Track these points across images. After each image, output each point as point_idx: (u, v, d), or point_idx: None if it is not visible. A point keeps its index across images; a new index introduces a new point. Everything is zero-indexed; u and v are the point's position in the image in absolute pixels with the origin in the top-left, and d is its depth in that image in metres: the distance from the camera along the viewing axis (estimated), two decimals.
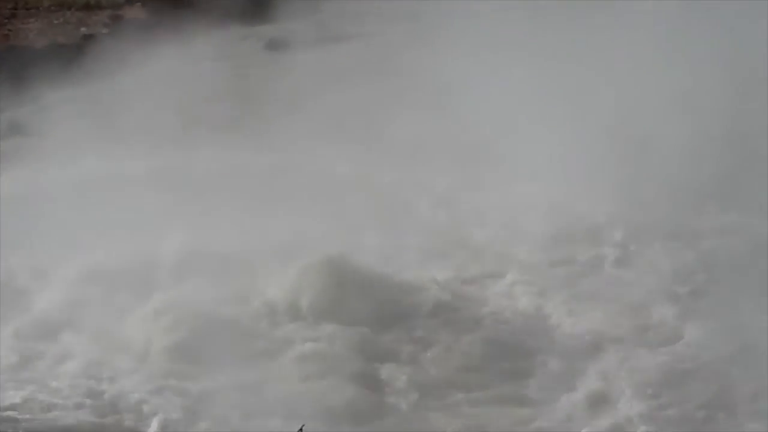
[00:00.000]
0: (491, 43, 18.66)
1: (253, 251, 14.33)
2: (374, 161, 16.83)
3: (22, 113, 15.72)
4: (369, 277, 14.00)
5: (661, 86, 17.54)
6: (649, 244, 14.75)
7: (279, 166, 17.09)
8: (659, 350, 12.44)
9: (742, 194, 14.68)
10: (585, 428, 10.89)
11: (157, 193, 16.01)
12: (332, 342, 12.76)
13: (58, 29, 16.97)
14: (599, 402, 11.64)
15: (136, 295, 13.17)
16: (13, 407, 11.41)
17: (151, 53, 16.55)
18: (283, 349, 12.46)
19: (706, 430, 10.87)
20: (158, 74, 16.71)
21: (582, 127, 16.58)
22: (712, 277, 13.44)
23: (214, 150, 17.57)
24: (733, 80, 17.18)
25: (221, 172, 16.71)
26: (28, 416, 11.46)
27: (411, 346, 12.82)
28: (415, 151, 17.07)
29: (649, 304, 13.30)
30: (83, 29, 17.23)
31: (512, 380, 12.15)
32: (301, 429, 9.37)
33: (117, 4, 18.03)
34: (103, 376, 12.25)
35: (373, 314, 13.30)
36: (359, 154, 17.27)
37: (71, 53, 16.12)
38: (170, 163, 16.70)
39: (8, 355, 12.46)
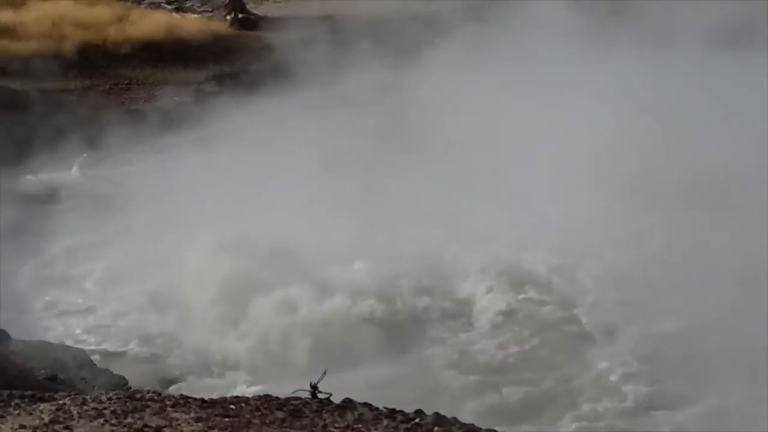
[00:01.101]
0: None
1: None
2: None
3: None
4: None
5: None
6: None
7: None
8: None
9: None
10: None
11: None
12: None
13: (159, 98, 18.86)
14: None
15: None
16: None
17: (227, 113, 17.64)
18: None
19: None
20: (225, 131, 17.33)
21: None
22: None
23: None
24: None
25: None
26: None
27: None
28: None
29: None
30: (176, 98, 19.01)
31: None
32: (323, 374, 8.68)
33: (199, 81, 20.01)
34: None
35: None
36: None
37: (168, 114, 17.91)
38: None
39: None
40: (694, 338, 12.01)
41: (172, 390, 9.48)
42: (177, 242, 14.04)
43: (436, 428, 7.31)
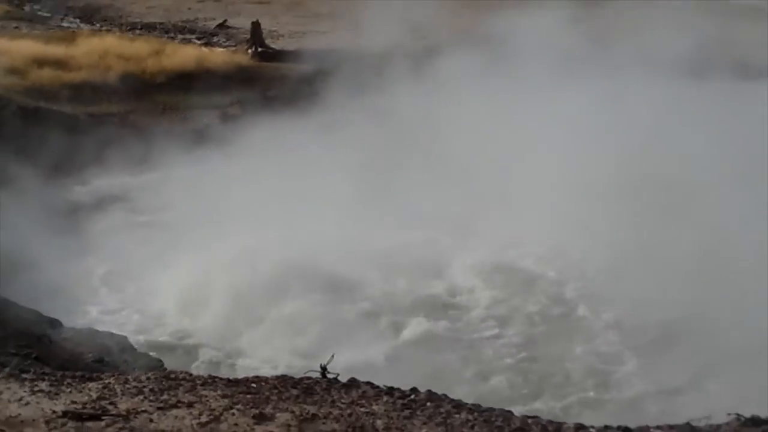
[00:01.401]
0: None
1: None
2: None
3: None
4: None
5: None
6: None
7: None
8: None
9: None
10: None
11: None
12: None
13: (190, 120, 18.97)
14: None
15: None
16: None
17: (248, 132, 17.54)
18: None
19: None
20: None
21: None
22: None
23: None
24: None
25: None
26: None
27: None
28: None
29: None
30: (205, 120, 19.02)
31: None
32: (332, 357, 8.84)
33: (224, 105, 19.90)
34: None
35: None
36: None
37: (198, 133, 18.02)
38: None
39: None
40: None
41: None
42: (207, 241, 14.11)
43: (428, 403, 7.43)
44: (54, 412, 6.83)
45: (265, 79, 20.99)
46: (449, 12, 22.69)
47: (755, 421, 7.51)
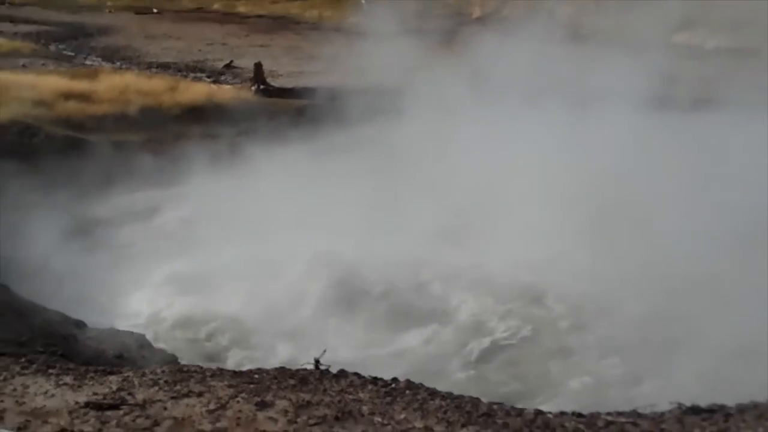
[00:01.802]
0: None
1: None
2: None
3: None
4: None
5: None
6: None
7: None
8: None
9: None
10: None
11: None
12: None
13: (201, 147, 17.04)
14: None
15: None
16: None
17: (252, 158, 17.54)
18: None
19: None
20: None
21: None
22: None
23: None
24: None
25: None
26: None
27: None
28: None
29: None
30: (214, 147, 17.03)
31: None
32: (323, 352, 8.76)
33: (231, 135, 19.54)
34: None
35: None
36: None
37: (208, 159, 16.96)
38: None
39: None
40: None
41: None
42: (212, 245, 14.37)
43: (407, 391, 7.45)
44: (77, 402, 6.78)
45: (267, 112, 20.95)
46: (424, 54, 22.35)
47: (695, 409, 7.53)
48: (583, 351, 11.86)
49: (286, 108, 21.34)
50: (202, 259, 14.04)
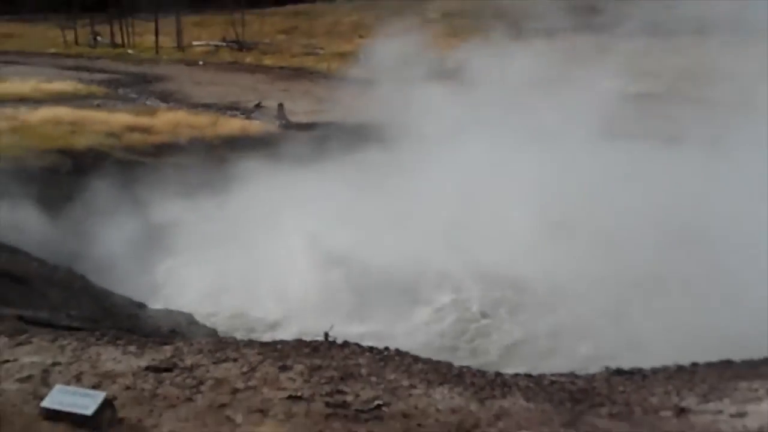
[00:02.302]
0: None
1: None
2: None
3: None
4: None
5: None
6: None
7: None
8: None
9: None
10: None
11: None
12: None
13: (238, 168, 17.60)
14: None
15: None
16: None
17: (276, 176, 17.65)
18: None
19: None
20: None
21: None
22: None
23: None
24: None
25: None
26: None
27: None
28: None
29: None
30: (248, 167, 17.75)
31: None
32: (330, 329, 8.99)
33: (259, 158, 18.44)
34: None
35: None
36: None
37: (242, 177, 17.69)
38: None
39: None
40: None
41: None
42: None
43: (396, 357, 7.44)
44: (139, 366, 6.79)
45: (287, 141, 21.01)
46: (406, 96, 22.05)
47: (619, 371, 7.54)
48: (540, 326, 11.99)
49: (302, 138, 21.31)
50: (241, 252, 14.14)
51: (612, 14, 22.51)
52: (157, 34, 58.66)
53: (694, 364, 7.73)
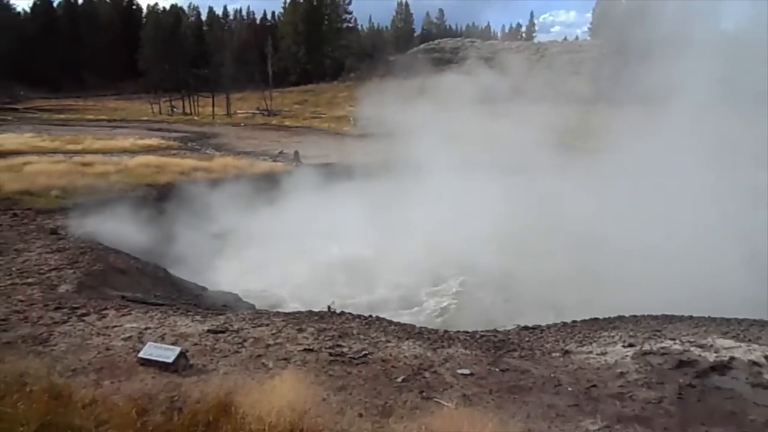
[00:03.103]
0: None
1: None
2: None
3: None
4: None
5: None
6: None
7: None
8: None
9: None
10: None
11: None
12: None
13: (269, 193, 18.12)
14: None
15: None
16: None
17: (291, 197, 17.53)
18: None
19: None
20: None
21: None
22: None
23: None
24: None
25: None
26: None
27: None
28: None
29: None
30: (275, 192, 18.17)
31: None
32: (332, 303, 9.20)
33: (283, 186, 18.95)
34: None
35: None
36: None
37: (274, 198, 17.68)
38: None
39: None
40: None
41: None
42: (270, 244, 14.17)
43: (377, 322, 7.43)
44: (202, 330, 6.72)
45: (300, 175, 20.60)
46: (387, 146, 22.16)
47: (526, 327, 7.65)
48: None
49: (310, 173, 20.87)
50: (271, 251, 13.84)
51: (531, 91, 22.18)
52: (213, 106, 58.88)
53: (574, 321, 7.82)
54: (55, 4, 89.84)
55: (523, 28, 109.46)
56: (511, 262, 12.38)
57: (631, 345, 6.57)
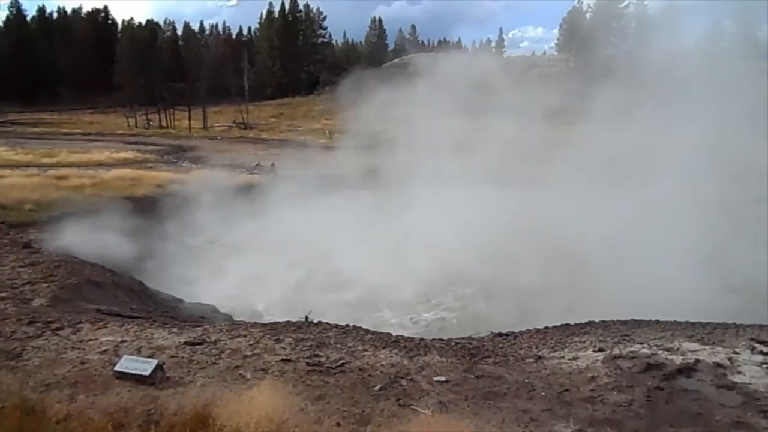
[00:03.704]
0: None
1: None
2: None
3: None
4: None
5: None
6: None
7: None
8: None
9: None
10: None
11: None
12: None
13: (248, 204, 17.75)
14: None
15: None
16: None
17: (278, 206, 17.40)
18: None
19: None
20: None
21: None
22: None
23: None
24: None
25: None
26: None
27: None
28: None
29: None
30: (253, 206, 18.50)
31: None
32: (309, 314, 8.55)
33: (260, 196, 18.99)
34: None
35: None
36: None
37: (254, 211, 17.37)
38: None
39: None
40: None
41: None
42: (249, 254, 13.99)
43: (354, 330, 7.33)
44: (179, 342, 6.60)
45: (277, 187, 20.31)
46: (360, 159, 22.20)
47: (500, 334, 7.64)
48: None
49: (286, 184, 20.52)
50: (249, 261, 13.69)
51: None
52: (190, 119, 58.27)
53: (546, 327, 7.83)
54: (28, 19, 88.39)
55: (493, 44, 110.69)
56: (485, 270, 12.29)
57: (601, 350, 6.62)
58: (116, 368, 5.55)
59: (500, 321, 9.75)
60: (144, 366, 5.51)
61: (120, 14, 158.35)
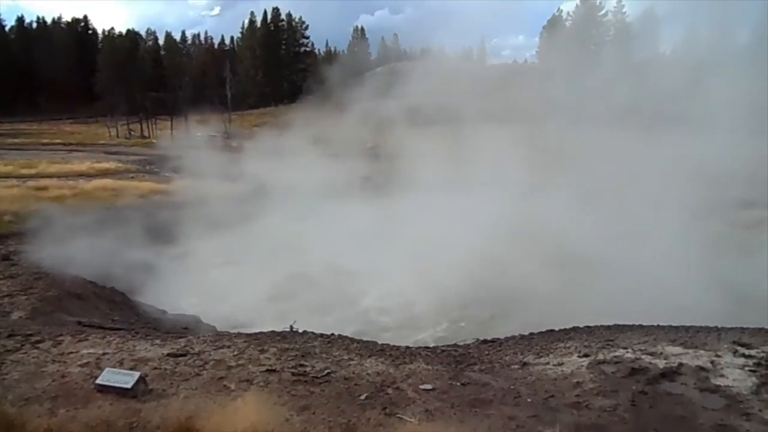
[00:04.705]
0: None
1: None
2: None
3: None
4: None
5: None
6: None
7: None
8: None
9: None
10: None
11: None
12: None
13: (225, 215, 17.54)
14: None
15: None
16: None
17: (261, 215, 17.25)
18: None
19: None
20: None
21: None
22: None
23: None
24: None
25: None
26: None
27: None
28: None
29: None
30: (231, 216, 19.63)
31: None
32: (293, 323, 8.33)
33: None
34: None
35: None
36: None
37: (228, 223, 17.14)
38: None
39: None
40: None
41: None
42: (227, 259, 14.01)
43: (339, 340, 7.28)
44: (162, 353, 6.51)
45: (261, 196, 20.03)
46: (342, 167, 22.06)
47: (485, 341, 7.66)
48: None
49: (273, 194, 20.35)
50: (233, 272, 13.44)
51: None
52: (172, 128, 57.82)
53: (531, 333, 7.86)
54: (7, 29, 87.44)
55: (475, 51, 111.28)
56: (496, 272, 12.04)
57: (586, 355, 6.65)
58: (98, 381, 5.47)
59: (487, 328, 9.64)
60: (126, 378, 5.43)
61: (100, 24, 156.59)
